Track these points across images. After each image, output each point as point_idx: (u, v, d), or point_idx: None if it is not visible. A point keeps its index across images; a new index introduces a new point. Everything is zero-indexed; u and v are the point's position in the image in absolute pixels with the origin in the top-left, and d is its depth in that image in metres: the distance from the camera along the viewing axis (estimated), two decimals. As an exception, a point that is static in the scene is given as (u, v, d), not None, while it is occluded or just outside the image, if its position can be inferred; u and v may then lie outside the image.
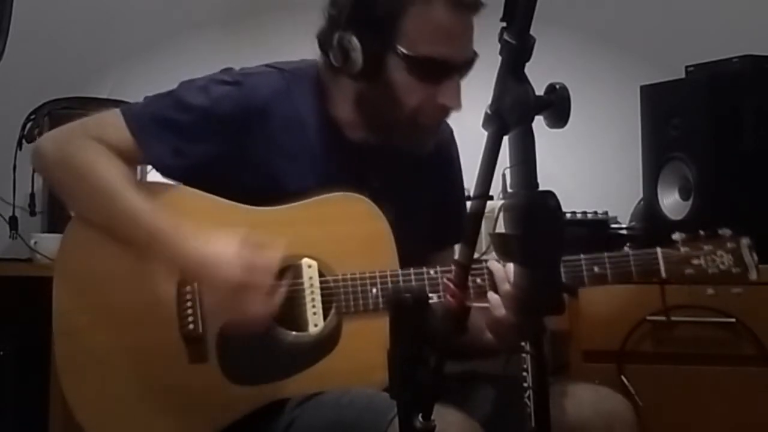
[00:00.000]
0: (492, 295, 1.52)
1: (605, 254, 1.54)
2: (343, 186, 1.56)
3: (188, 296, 1.53)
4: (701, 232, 1.59)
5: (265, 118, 1.57)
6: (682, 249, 1.56)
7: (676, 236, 1.58)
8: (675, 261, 1.56)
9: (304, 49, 1.64)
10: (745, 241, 1.58)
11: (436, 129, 1.61)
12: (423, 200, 1.69)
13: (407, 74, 1.51)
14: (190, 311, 1.52)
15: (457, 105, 1.54)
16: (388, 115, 1.55)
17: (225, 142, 1.56)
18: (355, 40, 1.49)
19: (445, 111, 1.57)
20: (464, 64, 1.54)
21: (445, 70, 1.52)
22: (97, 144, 1.55)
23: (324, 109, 1.62)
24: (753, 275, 1.57)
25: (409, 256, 1.56)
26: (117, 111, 1.59)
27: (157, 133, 1.55)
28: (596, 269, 1.54)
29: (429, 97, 1.53)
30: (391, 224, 1.55)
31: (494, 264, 1.54)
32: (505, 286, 1.50)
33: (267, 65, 1.65)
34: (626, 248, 1.59)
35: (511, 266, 1.49)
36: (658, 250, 1.56)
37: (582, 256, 1.54)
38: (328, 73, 1.60)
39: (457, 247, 1.90)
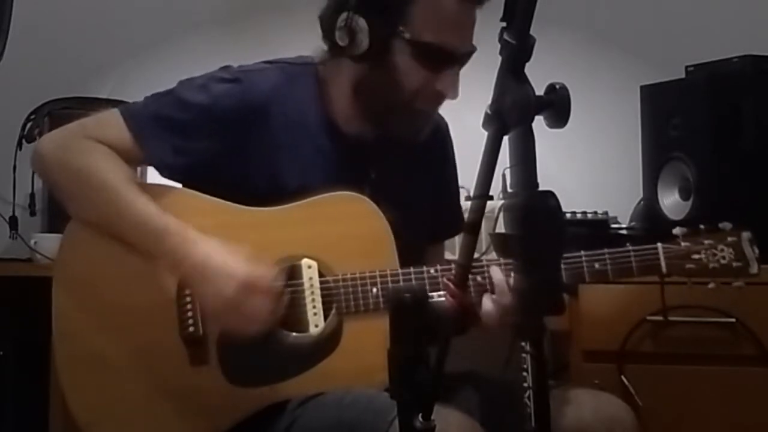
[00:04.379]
0: (486, 303, 1.50)
1: (606, 250, 1.55)
2: (341, 181, 1.56)
3: (188, 298, 1.52)
4: (702, 227, 1.59)
5: (265, 115, 1.57)
6: (683, 244, 1.57)
7: (677, 231, 1.58)
8: (676, 256, 1.56)
9: (304, 50, 1.65)
10: (745, 235, 1.57)
11: (430, 116, 1.63)
12: (420, 193, 1.70)
13: (411, 59, 1.53)
14: (190, 313, 1.52)
15: (454, 94, 1.57)
16: (387, 98, 1.56)
17: (225, 140, 1.56)
18: (363, 22, 1.51)
19: (441, 98, 1.59)
20: (464, 55, 1.56)
21: (448, 58, 1.54)
22: (98, 145, 1.54)
23: (322, 104, 1.62)
24: (754, 269, 1.56)
25: (406, 250, 1.56)
26: (116, 111, 1.58)
27: (157, 132, 1.55)
28: (597, 265, 1.54)
29: (428, 82, 1.55)
30: (389, 218, 1.55)
31: (497, 273, 1.51)
32: (504, 300, 1.48)
33: (265, 62, 1.65)
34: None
35: (511, 279, 1.48)
36: (659, 245, 1.56)
37: (582, 252, 1.54)
38: (327, 61, 1.61)
39: (457, 247, 1.90)
